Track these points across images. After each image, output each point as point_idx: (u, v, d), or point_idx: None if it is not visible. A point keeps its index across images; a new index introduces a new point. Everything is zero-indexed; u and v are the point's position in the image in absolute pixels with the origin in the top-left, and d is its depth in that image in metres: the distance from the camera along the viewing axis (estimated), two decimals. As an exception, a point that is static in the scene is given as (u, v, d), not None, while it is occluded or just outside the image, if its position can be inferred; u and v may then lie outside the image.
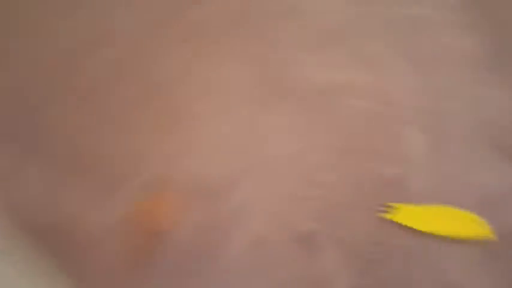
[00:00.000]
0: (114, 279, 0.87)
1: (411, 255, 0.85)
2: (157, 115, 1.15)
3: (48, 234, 0.92)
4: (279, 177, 1.01)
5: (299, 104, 1.17)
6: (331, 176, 1.01)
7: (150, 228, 0.94)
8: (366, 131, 1.10)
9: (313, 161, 1.04)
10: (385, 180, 0.98)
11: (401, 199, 0.94)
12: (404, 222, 0.89)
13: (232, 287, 0.84)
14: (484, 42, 1.26)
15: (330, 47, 1.31)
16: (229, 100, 1.19)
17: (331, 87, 1.21)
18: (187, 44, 1.29)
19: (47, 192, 1.01)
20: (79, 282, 0.86)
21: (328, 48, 1.32)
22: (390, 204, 0.94)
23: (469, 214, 0.89)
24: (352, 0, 1.40)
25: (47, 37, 1.30)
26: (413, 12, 1.37)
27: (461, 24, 1.31)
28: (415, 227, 0.88)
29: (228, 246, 0.90)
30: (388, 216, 0.91)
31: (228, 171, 1.03)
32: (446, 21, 1.33)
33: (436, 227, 0.87)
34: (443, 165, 0.99)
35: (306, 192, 0.98)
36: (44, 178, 1.03)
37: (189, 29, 1.33)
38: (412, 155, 1.03)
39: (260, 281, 0.84)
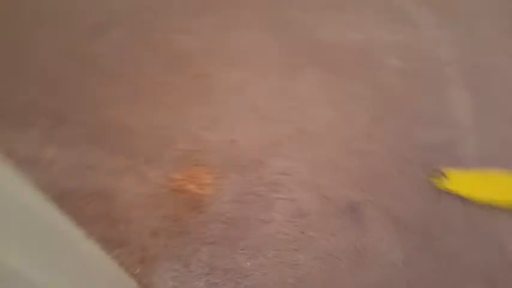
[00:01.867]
0: (155, 242, 0.87)
1: (469, 228, 0.80)
2: (186, 87, 1.09)
3: (88, 202, 0.93)
4: (317, 147, 0.96)
5: (330, 69, 1.09)
6: (371, 145, 0.95)
7: (188, 197, 0.92)
8: (404, 93, 1.02)
9: (351, 130, 0.98)
10: (430, 146, 0.92)
11: (450, 166, 0.88)
12: (457, 190, 0.83)
13: (276, 253, 0.81)
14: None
15: (355, 7, 1.21)
16: (258, 70, 1.11)
17: (362, 48, 1.12)
18: (204, 17, 1.21)
19: (80, 162, 1.00)
20: (119, 245, 0.86)
21: (354, 7, 1.22)
22: (439, 170, 0.87)
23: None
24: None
25: (66, 17, 1.23)
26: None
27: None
28: (470, 195, 0.82)
29: (270, 215, 0.88)
30: (438, 183, 0.85)
31: (266, 141, 0.98)
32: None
33: (494, 194, 0.81)
34: (496, 126, 0.91)
35: (346, 163, 0.93)
36: (75, 149, 1.00)
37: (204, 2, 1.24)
38: (459, 117, 0.95)
39: (303, 252, 0.80)
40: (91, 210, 0.91)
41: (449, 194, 0.85)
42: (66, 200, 0.93)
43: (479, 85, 0.99)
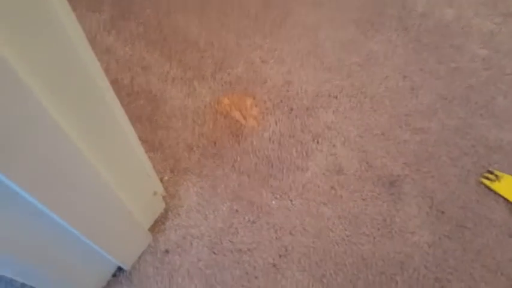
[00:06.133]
0: (188, 156, 0.88)
1: (506, 232, 0.76)
2: (258, 15, 1.04)
3: (135, 100, 0.94)
4: (372, 111, 0.91)
5: (409, 36, 1.01)
6: (429, 124, 0.90)
7: (230, 123, 0.92)
8: (479, 82, 0.94)
9: (413, 102, 0.92)
10: (491, 145, 0.86)
11: (506, 171, 0.82)
12: (506, 195, 0.79)
13: (303, 201, 0.81)
14: None
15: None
16: (337, 17, 1.04)
17: (449, 24, 1.03)
18: None
19: (135, 59, 1.01)
20: (154, 149, 0.88)
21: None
22: (494, 171, 0.82)
23: None
24: None
25: None
26: None
27: None
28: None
29: (306, 164, 0.86)
30: (488, 183, 0.81)
31: (321, 91, 0.94)
32: None
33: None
34: None
35: (398, 134, 0.89)
36: (134, 45, 1.00)
37: None
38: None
39: (330, 207, 0.79)
40: (135, 109, 0.92)
41: (496, 195, 0.80)
42: (124, 92, 0.94)
43: None
